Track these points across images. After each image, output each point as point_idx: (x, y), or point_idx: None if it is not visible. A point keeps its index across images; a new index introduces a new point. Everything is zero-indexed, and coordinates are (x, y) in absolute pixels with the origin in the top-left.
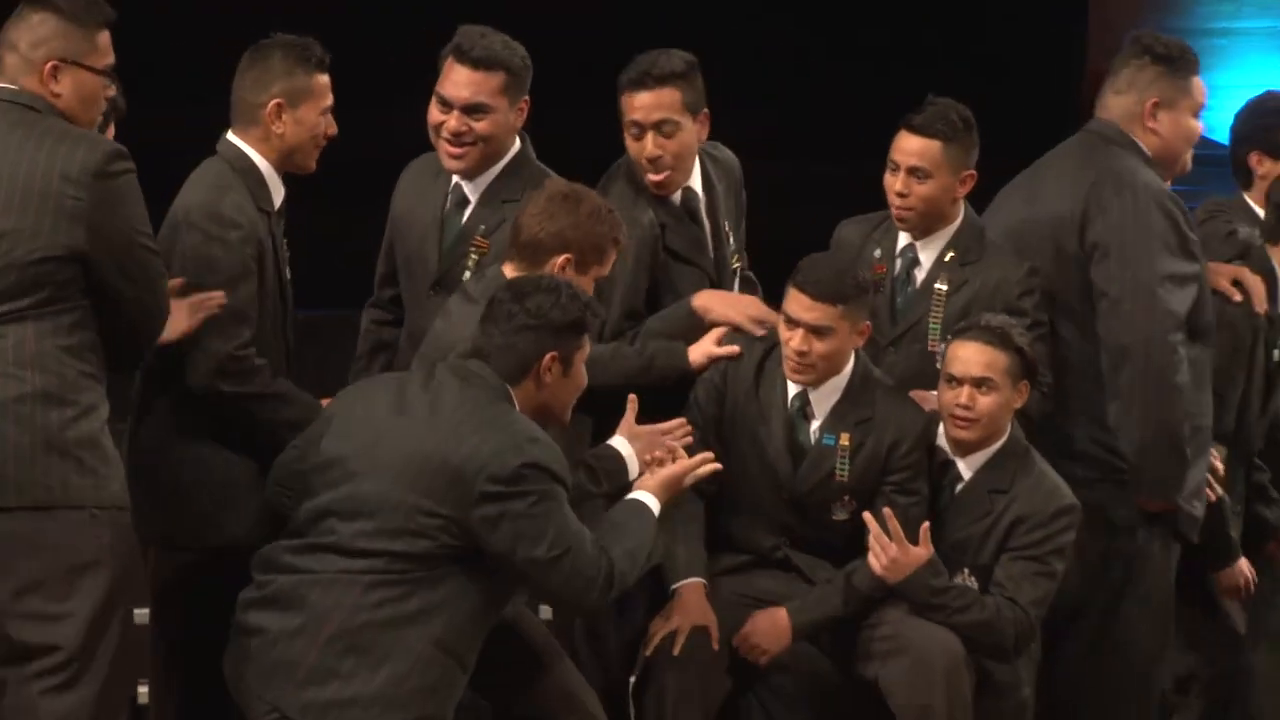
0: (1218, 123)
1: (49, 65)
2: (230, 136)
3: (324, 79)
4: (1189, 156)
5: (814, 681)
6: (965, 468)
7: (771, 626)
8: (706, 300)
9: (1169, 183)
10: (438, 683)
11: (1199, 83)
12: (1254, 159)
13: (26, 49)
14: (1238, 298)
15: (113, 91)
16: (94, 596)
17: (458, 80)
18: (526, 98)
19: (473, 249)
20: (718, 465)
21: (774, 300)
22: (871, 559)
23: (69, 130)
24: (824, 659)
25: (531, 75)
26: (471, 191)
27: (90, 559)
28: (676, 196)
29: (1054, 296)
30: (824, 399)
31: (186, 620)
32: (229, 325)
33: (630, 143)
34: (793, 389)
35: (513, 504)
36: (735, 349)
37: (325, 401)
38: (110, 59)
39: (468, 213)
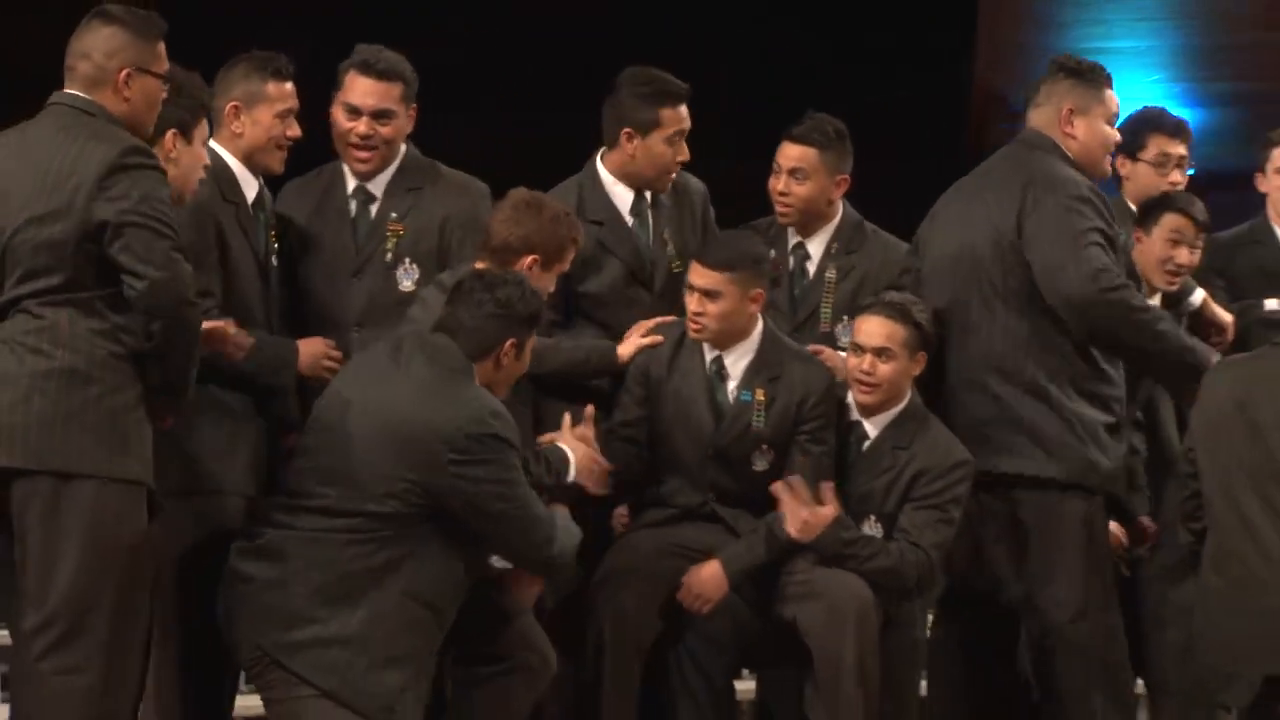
0: None
1: (123, 73)
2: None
3: (282, 86)
4: (1106, 162)
5: (736, 624)
6: (871, 427)
7: (711, 577)
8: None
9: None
10: (408, 628)
11: (1110, 93)
12: (1119, 162)
13: (101, 59)
14: None
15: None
16: (90, 561)
17: (365, 90)
18: (414, 105)
19: (389, 233)
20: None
21: None
22: (787, 528)
23: (104, 131)
24: (744, 604)
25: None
26: (375, 188)
27: (95, 526)
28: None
29: (994, 285)
30: (737, 361)
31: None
32: None
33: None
34: (709, 355)
35: (475, 469)
36: (659, 338)
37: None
38: (167, 65)
39: (376, 206)
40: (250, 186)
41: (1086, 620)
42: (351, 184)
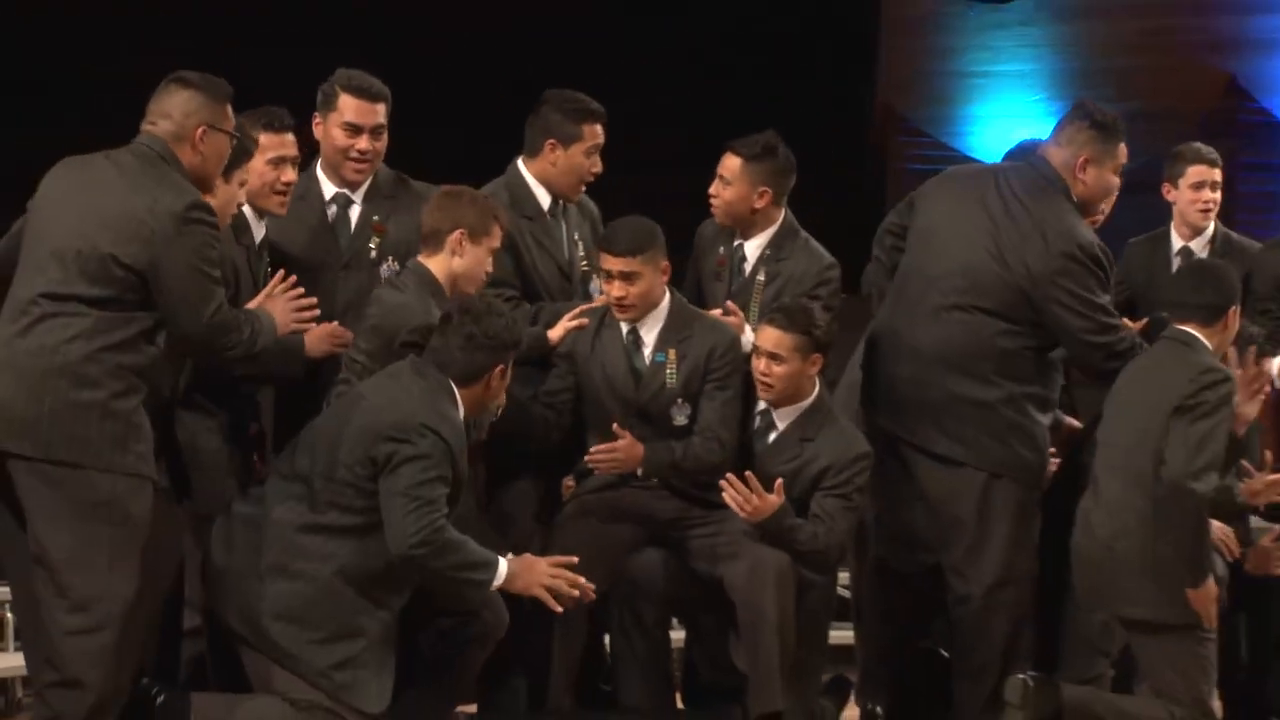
0: (979, 145)
1: (200, 130)
2: None
3: (273, 137)
4: (1105, 204)
5: (669, 582)
6: (779, 419)
7: (631, 449)
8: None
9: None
10: (344, 608)
11: (1123, 147)
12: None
13: (180, 118)
14: None
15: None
16: (87, 537)
17: (362, 110)
18: None
19: (374, 233)
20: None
21: None
22: (737, 511)
23: (169, 179)
24: (677, 564)
25: None
26: (355, 194)
27: (86, 509)
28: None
29: (983, 298)
30: (650, 329)
31: None
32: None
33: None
34: (625, 329)
35: (404, 448)
36: (584, 321)
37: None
38: (233, 123)
39: (357, 210)
40: (259, 230)
41: (1006, 589)
42: (330, 191)
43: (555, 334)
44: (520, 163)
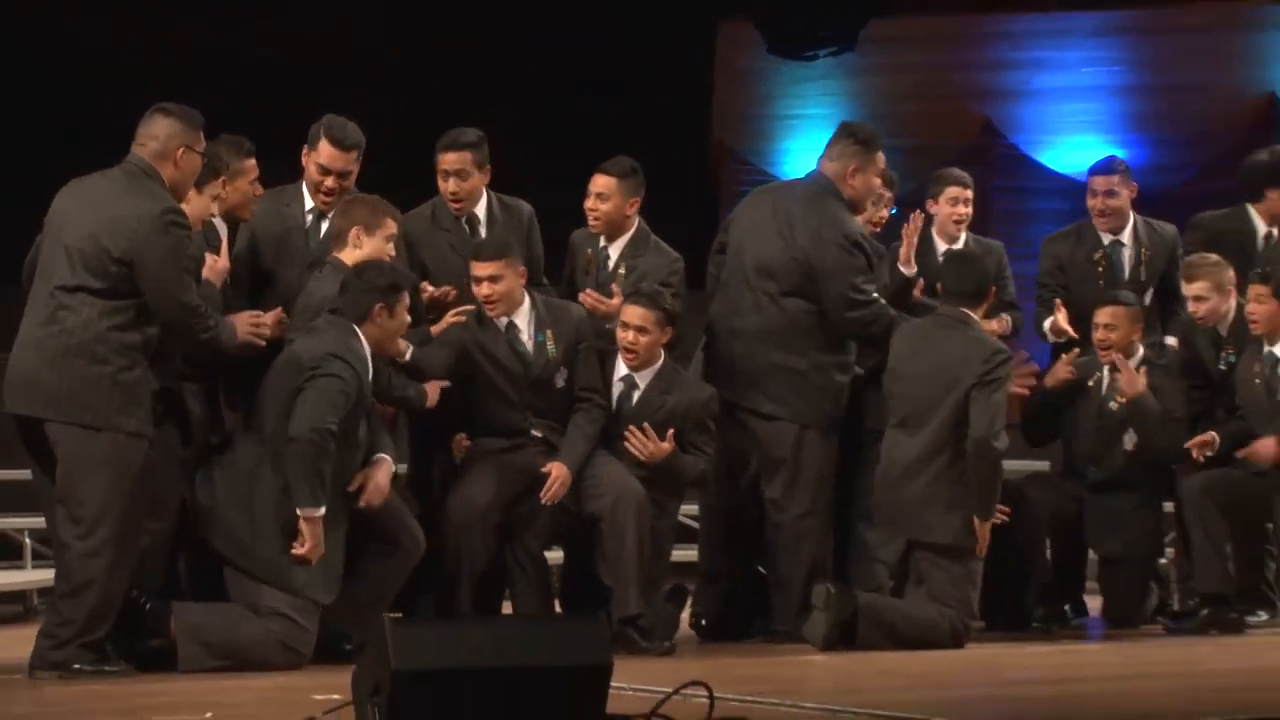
0: (792, 171)
1: (179, 151)
2: None
3: (251, 161)
4: (870, 202)
5: (550, 516)
6: (640, 380)
7: (562, 473)
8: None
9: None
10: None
11: (881, 155)
12: None
13: (164, 140)
14: None
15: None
16: (94, 483)
17: (334, 156)
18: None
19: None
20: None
21: None
22: (637, 454)
23: (152, 189)
24: (558, 504)
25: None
26: (328, 211)
27: (97, 460)
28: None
29: (781, 283)
30: (523, 319)
31: None
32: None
33: (440, 182)
34: (503, 323)
35: (318, 370)
36: (463, 317)
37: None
38: (204, 145)
39: (326, 223)
40: (223, 234)
41: (811, 517)
42: (309, 204)
43: (437, 327)
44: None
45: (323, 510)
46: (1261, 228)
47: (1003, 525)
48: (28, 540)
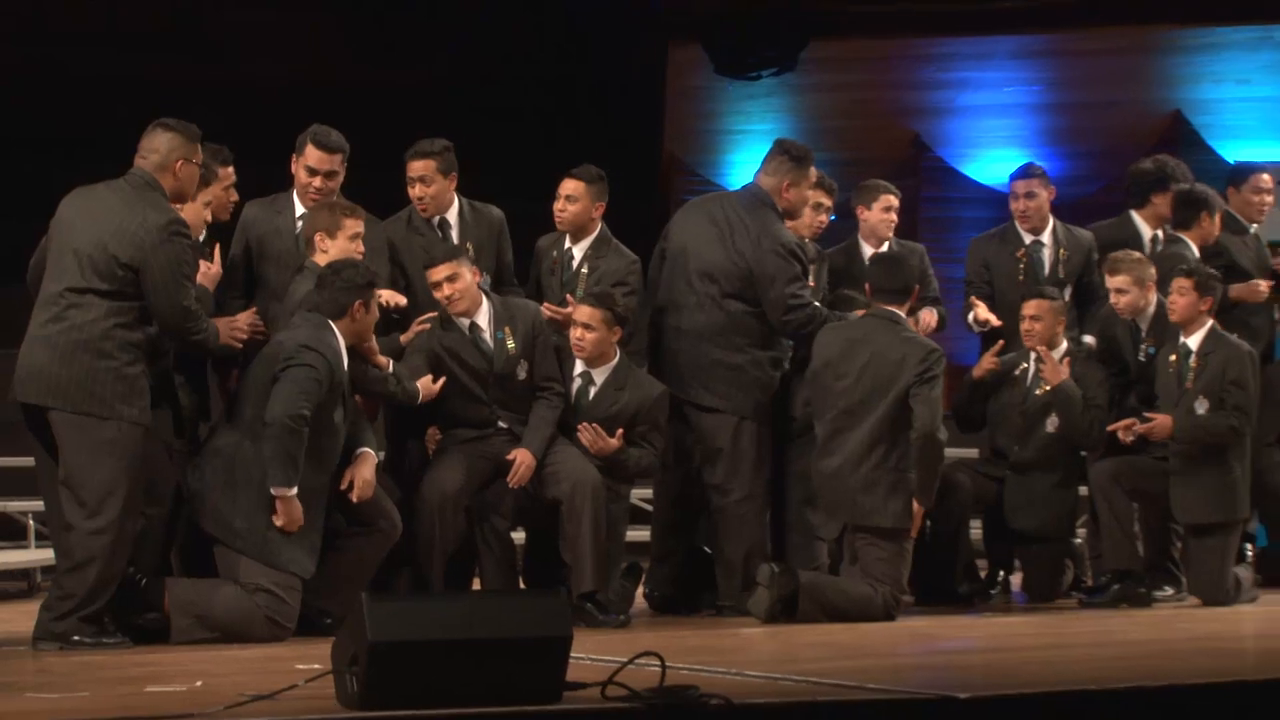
0: (736, 182)
1: (179, 163)
2: None
3: (228, 169)
4: (805, 214)
5: (514, 500)
6: (597, 376)
7: (526, 458)
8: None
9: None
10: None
11: (813, 170)
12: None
13: (165, 153)
14: None
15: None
16: (99, 468)
17: (320, 159)
18: (346, 164)
19: None
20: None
21: None
22: (589, 447)
23: (156, 200)
24: (523, 489)
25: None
26: None
27: (102, 446)
28: (436, 219)
29: (722, 286)
30: (484, 319)
31: None
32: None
33: (409, 189)
34: (465, 323)
35: (292, 360)
36: (427, 325)
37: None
38: (202, 157)
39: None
40: (201, 231)
41: (751, 501)
42: (299, 210)
43: (405, 336)
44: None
45: (294, 490)
46: (1147, 232)
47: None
48: (31, 522)
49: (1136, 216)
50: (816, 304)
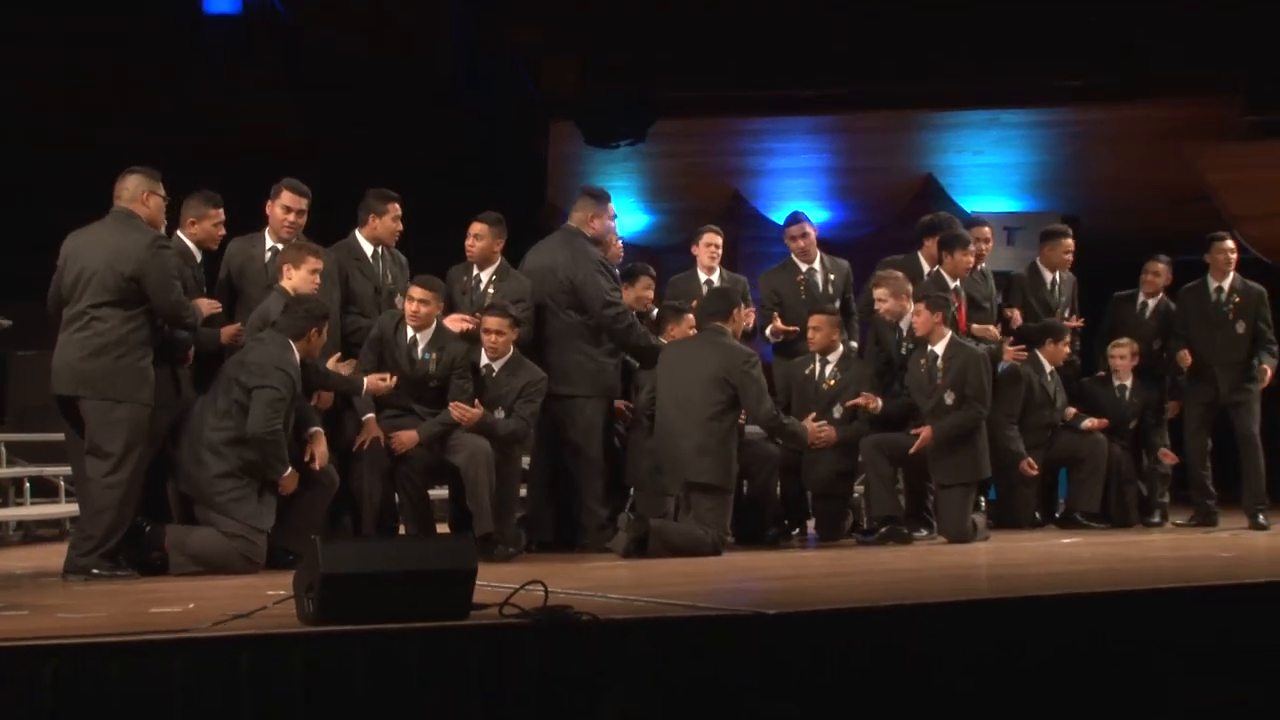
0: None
1: (145, 194)
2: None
3: (218, 210)
4: (611, 241)
5: (429, 463)
6: (496, 366)
7: (409, 435)
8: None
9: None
10: (245, 472)
11: (610, 206)
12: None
13: (133, 189)
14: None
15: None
16: (118, 438)
17: (293, 199)
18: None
19: None
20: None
21: None
22: (459, 419)
23: (138, 225)
24: (432, 455)
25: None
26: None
27: (120, 422)
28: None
29: (559, 301)
30: (423, 339)
31: None
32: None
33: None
34: (410, 334)
35: (265, 381)
36: (388, 385)
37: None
38: (162, 189)
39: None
40: (197, 257)
41: (597, 464)
42: (269, 244)
43: (372, 381)
44: (356, 231)
45: (289, 470)
46: (926, 266)
47: (745, 468)
48: (61, 482)
49: (920, 255)
50: (625, 305)
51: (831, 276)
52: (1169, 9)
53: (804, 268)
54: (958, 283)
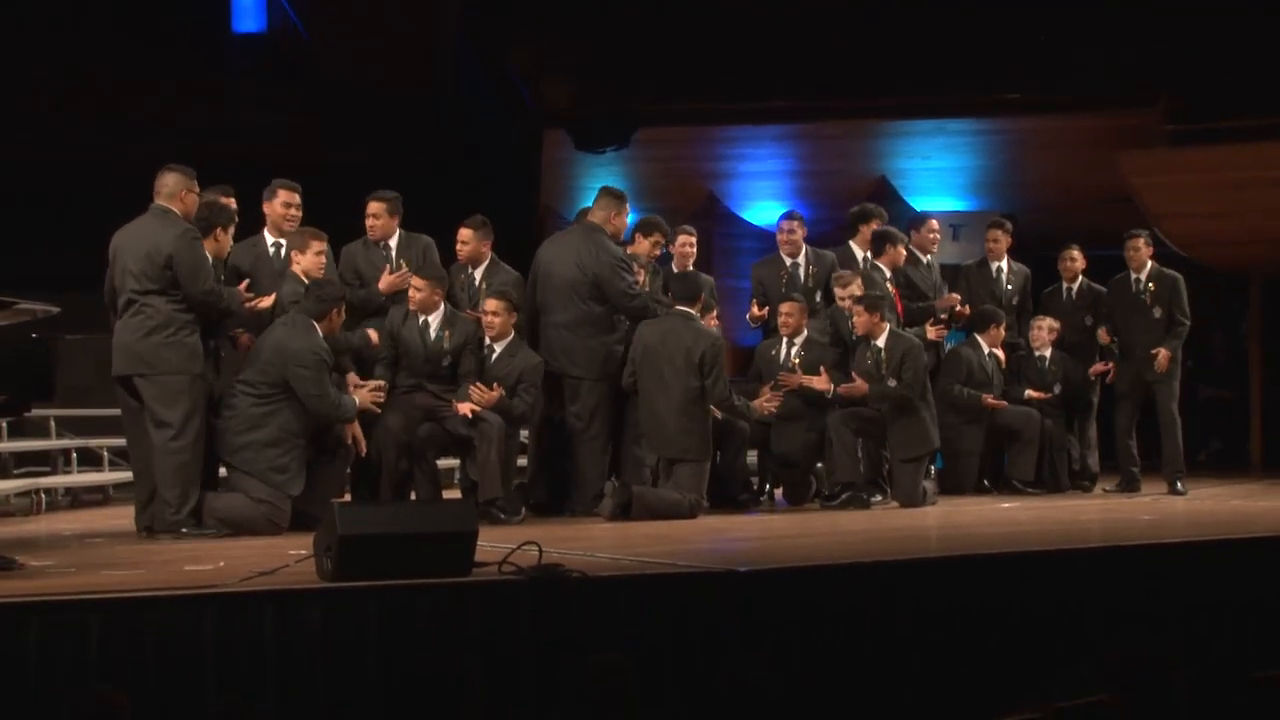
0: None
1: (183, 192)
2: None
3: (231, 201)
4: (621, 236)
5: (439, 437)
6: (497, 347)
7: (465, 408)
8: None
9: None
10: (288, 441)
11: (627, 206)
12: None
13: (172, 187)
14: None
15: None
16: (177, 408)
17: (289, 196)
18: None
19: (292, 260)
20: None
21: None
22: (478, 401)
23: (174, 219)
24: (441, 427)
25: None
26: (282, 241)
27: (178, 393)
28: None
29: (576, 290)
30: (433, 320)
31: None
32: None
33: (367, 219)
34: (421, 319)
35: (303, 364)
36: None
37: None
38: (197, 186)
39: (283, 247)
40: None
41: (598, 439)
42: (271, 239)
43: (372, 336)
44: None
45: (353, 413)
46: (860, 254)
47: (717, 440)
48: (105, 453)
49: (853, 244)
50: (645, 293)
51: (814, 269)
52: (1098, 30)
53: (789, 261)
54: (890, 274)
